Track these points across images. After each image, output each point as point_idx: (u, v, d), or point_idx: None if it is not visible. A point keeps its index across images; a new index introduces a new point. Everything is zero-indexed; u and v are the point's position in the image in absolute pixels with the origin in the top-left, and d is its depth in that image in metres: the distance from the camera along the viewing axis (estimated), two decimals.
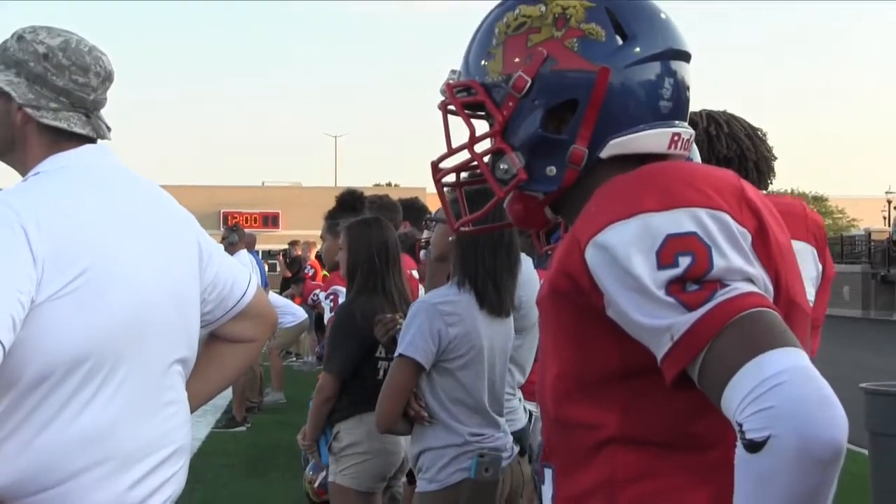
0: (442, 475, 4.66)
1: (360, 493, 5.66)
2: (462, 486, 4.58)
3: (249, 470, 11.20)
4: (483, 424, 4.71)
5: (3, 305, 2.64)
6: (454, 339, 4.58)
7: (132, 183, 3.17)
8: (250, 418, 14.36)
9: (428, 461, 4.72)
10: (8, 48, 3.06)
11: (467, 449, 4.61)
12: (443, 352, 4.57)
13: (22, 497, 2.85)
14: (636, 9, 2.17)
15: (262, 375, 15.86)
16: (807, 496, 1.69)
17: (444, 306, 4.62)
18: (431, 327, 4.54)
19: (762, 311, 1.79)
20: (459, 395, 4.65)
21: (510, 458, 4.80)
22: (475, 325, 4.63)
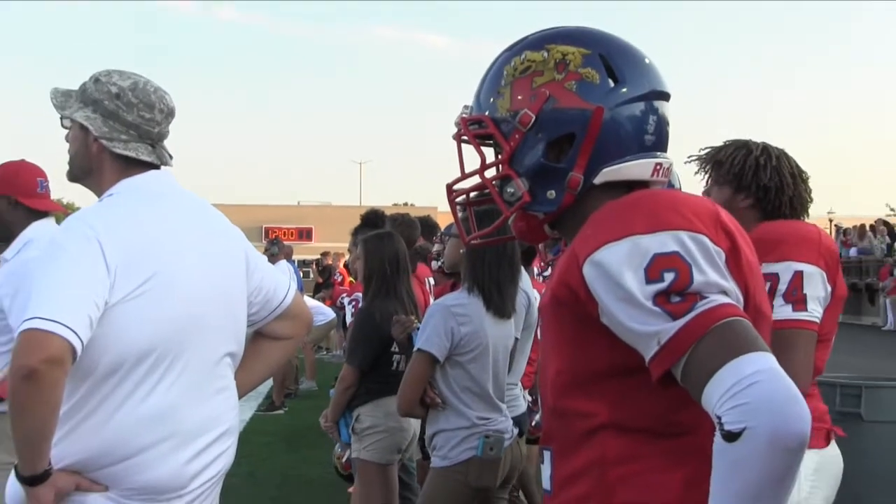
0: (453, 453, 4.73)
1: (380, 466, 5.71)
2: (470, 463, 4.69)
3: (287, 447, 11.19)
4: (488, 409, 4.79)
5: (82, 307, 2.69)
6: (465, 336, 4.68)
7: (189, 203, 3.19)
8: (287, 403, 14.43)
9: (441, 441, 4.79)
10: (86, 89, 3.11)
11: (475, 431, 4.70)
12: (455, 347, 4.67)
13: (99, 469, 2.87)
14: (625, 55, 2.18)
15: (298, 366, 15.97)
16: (775, 479, 1.72)
17: (457, 308, 4.73)
18: (446, 326, 4.65)
19: (736, 320, 1.83)
20: (468, 384, 4.74)
21: (511, 439, 4.84)
22: (483, 325, 4.73)
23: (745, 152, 3.76)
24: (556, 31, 2.22)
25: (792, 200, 3.73)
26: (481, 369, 4.75)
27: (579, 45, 2.17)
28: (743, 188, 3.74)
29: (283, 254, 15.50)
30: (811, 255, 3.51)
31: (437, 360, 4.68)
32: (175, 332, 2.94)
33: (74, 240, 2.87)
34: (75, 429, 2.89)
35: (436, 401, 4.77)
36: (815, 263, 3.51)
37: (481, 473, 4.73)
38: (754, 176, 3.72)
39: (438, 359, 4.67)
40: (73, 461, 2.87)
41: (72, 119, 3.12)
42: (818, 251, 3.54)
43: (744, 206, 3.73)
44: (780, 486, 1.74)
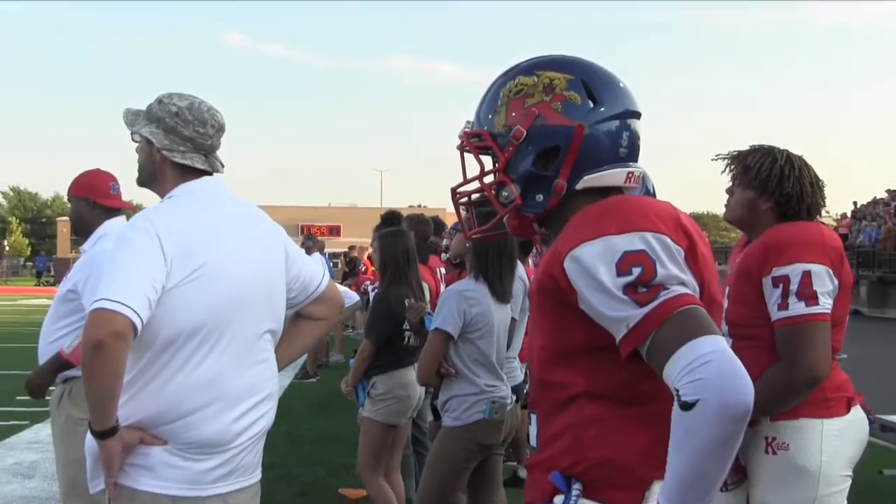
0: (464, 415, 4.81)
1: (386, 426, 5.77)
2: (479, 424, 4.79)
3: (319, 410, 11.21)
4: (493, 378, 4.87)
5: (143, 290, 2.75)
6: (475, 316, 4.78)
7: (236, 203, 3.22)
8: (319, 373, 14.53)
9: (454, 405, 4.85)
10: (151, 108, 3.16)
11: (483, 396, 4.80)
12: (466, 325, 4.78)
13: (158, 426, 2.91)
14: (603, 80, 2.20)
15: (329, 342, 16.11)
16: (722, 442, 1.76)
17: (468, 293, 4.83)
18: (459, 308, 4.75)
19: (693, 308, 1.87)
20: (477, 357, 4.82)
21: (511, 405, 4.92)
22: (489, 307, 4.82)
23: (770, 160, 3.67)
24: (545, 59, 2.23)
25: (809, 208, 3.67)
26: (488, 345, 4.83)
27: (564, 71, 2.18)
28: (767, 193, 3.66)
29: (316, 247, 15.61)
30: (817, 255, 3.47)
31: (451, 338, 4.77)
32: (221, 312, 2.97)
33: (138, 234, 2.91)
34: (138, 393, 2.93)
35: (450, 371, 4.84)
36: (821, 262, 3.46)
37: (488, 433, 4.83)
38: (778, 184, 3.64)
39: (453, 336, 4.76)
40: (137, 420, 2.91)
41: (140, 134, 3.16)
42: (822, 250, 3.50)
43: (765, 208, 3.68)
44: (726, 447, 1.77)
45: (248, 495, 3.14)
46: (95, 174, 4.82)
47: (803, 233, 3.55)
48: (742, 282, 3.61)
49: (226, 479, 3.02)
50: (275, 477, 5.27)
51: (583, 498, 2.00)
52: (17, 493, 7.65)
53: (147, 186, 3.24)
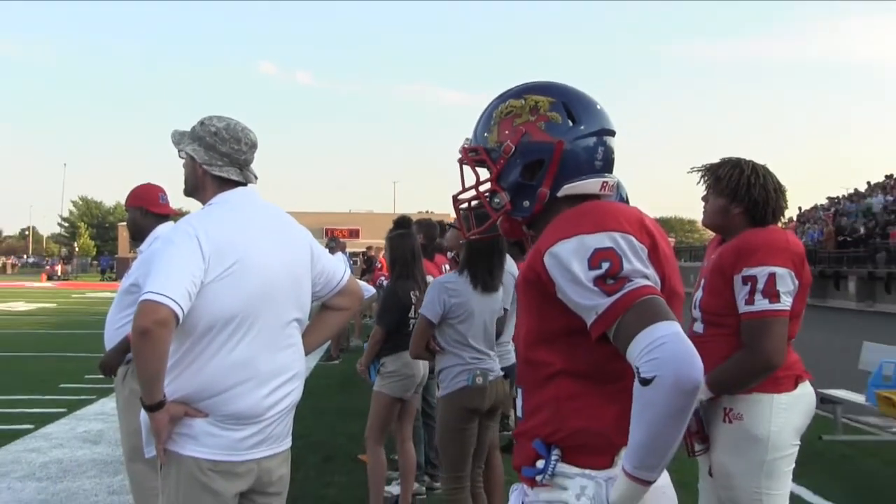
0: (451, 384, 4.83)
1: (392, 398, 5.78)
2: (463, 390, 4.79)
3: (340, 388, 11.20)
4: (476, 353, 4.86)
5: (183, 285, 2.79)
6: (453, 305, 4.79)
7: (267, 209, 3.22)
8: (342, 355, 14.57)
9: (444, 376, 4.89)
10: (194, 129, 3.17)
11: (466, 367, 4.81)
12: (446, 312, 4.79)
13: (200, 401, 2.93)
14: (581, 103, 2.19)
15: (349, 328, 16.05)
16: (675, 412, 1.79)
17: (448, 284, 4.85)
18: (439, 298, 4.79)
19: (653, 297, 1.88)
20: (457, 339, 4.83)
21: (495, 376, 4.89)
22: (469, 298, 4.81)
23: (739, 170, 3.68)
24: (532, 85, 2.22)
25: (774, 211, 3.69)
26: (468, 328, 4.81)
27: (548, 95, 2.18)
28: (737, 200, 3.67)
29: (339, 247, 15.71)
30: (781, 260, 3.50)
31: (432, 323, 4.81)
32: (252, 303, 2.97)
33: (180, 237, 2.93)
34: (182, 372, 2.94)
35: (436, 348, 4.89)
36: (784, 266, 3.50)
37: (472, 398, 4.79)
38: (747, 191, 3.65)
39: (433, 321, 4.80)
40: (182, 395, 2.93)
41: (185, 151, 3.17)
42: (787, 255, 3.53)
43: (736, 213, 3.68)
44: (679, 417, 1.79)
45: (279, 460, 3.14)
46: (147, 187, 4.90)
47: (771, 239, 3.57)
48: (716, 277, 3.63)
49: (259, 447, 3.03)
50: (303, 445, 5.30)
51: (561, 462, 2.00)
52: (87, 457, 7.68)
53: (191, 196, 3.25)
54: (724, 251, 3.65)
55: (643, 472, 1.85)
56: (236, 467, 2.99)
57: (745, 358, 3.51)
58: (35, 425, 8.96)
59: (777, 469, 3.60)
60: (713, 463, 3.71)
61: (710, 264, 3.74)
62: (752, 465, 3.58)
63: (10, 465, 7.31)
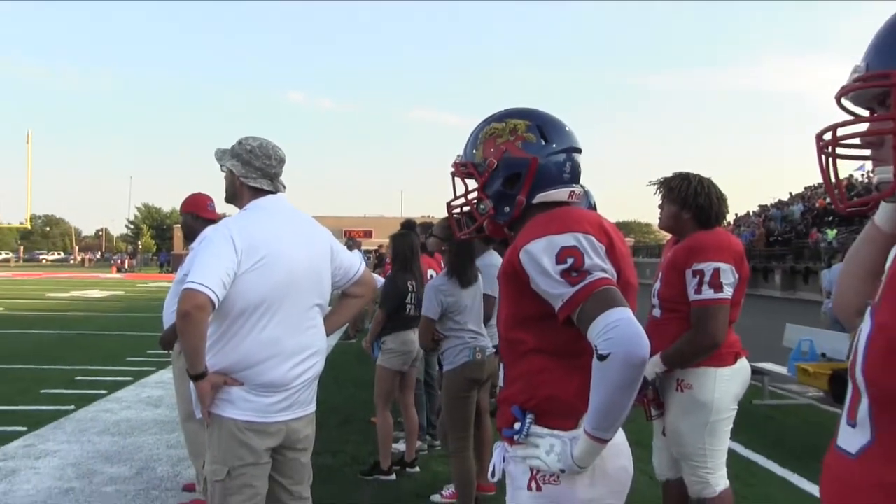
0: (455, 360, 4.80)
1: (392, 371, 5.76)
2: (465, 365, 4.76)
3: (357, 362, 11.10)
4: (472, 333, 4.84)
5: (219, 276, 2.80)
6: (448, 303, 4.79)
7: (294, 213, 3.19)
8: (358, 335, 14.38)
9: (447, 354, 4.86)
10: (234, 147, 3.16)
11: (466, 345, 4.78)
12: (444, 310, 4.79)
13: (236, 372, 2.94)
14: (553, 126, 2.16)
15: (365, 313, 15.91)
16: (626, 383, 1.79)
17: (442, 287, 4.83)
18: (437, 299, 4.79)
19: (609, 288, 1.87)
20: (454, 326, 4.83)
21: (490, 352, 4.86)
22: (459, 295, 4.80)
23: (688, 182, 3.71)
24: (512, 111, 2.20)
25: (717, 215, 3.71)
26: (462, 317, 4.81)
27: (525, 119, 2.15)
28: (686, 206, 3.69)
29: (355, 246, 15.58)
30: (724, 257, 3.54)
31: (433, 320, 4.81)
32: (278, 291, 2.96)
33: (218, 237, 2.93)
34: (221, 349, 2.94)
35: (439, 337, 4.87)
36: (727, 262, 3.54)
37: (473, 370, 4.77)
38: (694, 199, 3.68)
39: (434, 318, 4.80)
40: (221, 368, 2.93)
41: (225, 166, 3.17)
42: (729, 253, 3.56)
43: (686, 217, 3.70)
44: (629, 386, 1.79)
45: (305, 422, 3.13)
46: (198, 196, 4.93)
47: (716, 240, 3.60)
48: (671, 271, 3.66)
49: (286, 410, 3.02)
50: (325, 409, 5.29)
51: (534, 425, 1.99)
52: (150, 417, 7.70)
53: (230, 202, 3.24)
54: (677, 250, 3.68)
55: (600, 432, 1.85)
56: (268, 427, 2.98)
57: (693, 338, 3.54)
58: (108, 391, 8.99)
59: (719, 429, 3.63)
60: (666, 424, 3.73)
61: (666, 261, 3.76)
62: (698, 425, 3.61)
63: (90, 423, 7.40)
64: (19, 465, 5.87)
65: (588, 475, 1.93)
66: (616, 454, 2.00)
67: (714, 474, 3.64)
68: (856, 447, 1.27)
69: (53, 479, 5.56)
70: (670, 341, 3.59)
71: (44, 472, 5.73)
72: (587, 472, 1.92)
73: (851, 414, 1.30)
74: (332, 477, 5.59)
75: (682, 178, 3.75)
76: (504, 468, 2.09)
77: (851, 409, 1.29)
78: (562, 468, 1.91)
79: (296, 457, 3.12)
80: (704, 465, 3.63)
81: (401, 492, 5.39)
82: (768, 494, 5.34)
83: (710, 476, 3.64)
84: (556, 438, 1.94)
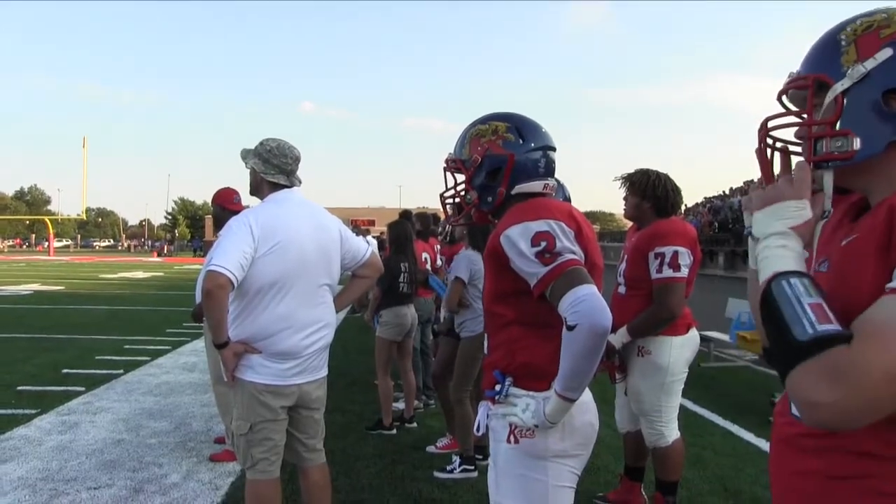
0: (474, 329, 4.75)
1: (389, 341, 5.70)
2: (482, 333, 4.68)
3: (363, 332, 10.93)
4: None
5: (237, 259, 2.76)
6: (475, 271, 4.75)
7: (307, 205, 3.12)
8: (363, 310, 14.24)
9: (467, 325, 4.82)
10: (256, 147, 3.10)
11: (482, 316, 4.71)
12: (471, 277, 4.76)
13: (255, 342, 2.90)
14: (530, 127, 2.12)
15: None
16: (591, 350, 1.77)
17: (472, 256, 4.80)
18: (468, 265, 4.77)
19: (577, 268, 1.83)
20: (477, 295, 4.76)
21: None
22: (480, 264, 4.68)
23: (647, 177, 3.70)
24: (494, 114, 2.16)
25: (673, 205, 3.70)
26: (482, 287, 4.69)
27: (505, 121, 2.12)
28: (646, 198, 3.69)
29: (361, 234, 15.43)
30: (681, 241, 3.53)
31: (464, 283, 4.76)
32: (291, 272, 2.91)
33: (238, 224, 2.89)
34: (242, 322, 2.90)
35: (465, 302, 4.81)
36: (683, 245, 3.53)
37: None
38: (653, 191, 3.67)
39: (465, 280, 4.75)
40: (242, 338, 2.90)
41: (249, 163, 3.11)
42: (685, 238, 3.56)
43: (646, 207, 3.70)
44: (593, 352, 1.77)
45: (316, 385, 3.09)
46: (226, 190, 4.86)
47: (674, 227, 3.60)
48: (635, 254, 3.64)
49: (300, 375, 2.99)
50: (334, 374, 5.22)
51: (513, 387, 1.97)
52: (186, 380, 7.67)
53: (254, 195, 3.19)
54: (640, 235, 3.67)
55: (569, 392, 1.83)
56: (283, 389, 2.95)
57: (655, 311, 3.54)
58: (150, 358, 8.96)
59: (673, 388, 3.64)
60: (628, 385, 3.74)
61: (630, 245, 3.74)
62: (655, 385, 3.61)
63: (136, 385, 7.40)
64: (80, 419, 5.93)
65: (559, 429, 1.91)
66: (583, 411, 1.98)
67: (667, 427, 3.65)
68: None
69: (108, 431, 5.59)
70: (634, 314, 3.58)
71: (99, 425, 5.77)
72: (558, 426, 1.91)
73: None
74: (342, 432, 5.57)
75: (643, 174, 3.74)
76: (488, 424, 2.07)
77: None
78: (535, 424, 1.89)
79: (310, 414, 3.09)
80: (660, 419, 3.64)
81: (400, 444, 5.37)
82: (713, 443, 5.35)
83: (664, 429, 3.65)
84: (531, 398, 1.92)
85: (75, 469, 4.64)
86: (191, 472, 4.61)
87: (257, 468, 2.95)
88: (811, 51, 1.28)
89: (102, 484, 4.36)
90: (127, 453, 5.01)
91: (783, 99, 1.35)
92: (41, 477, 4.47)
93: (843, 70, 1.21)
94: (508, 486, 1.95)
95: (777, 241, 1.19)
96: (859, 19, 1.23)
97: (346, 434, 5.54)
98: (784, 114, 1.33)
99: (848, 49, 1.22)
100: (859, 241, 1.16)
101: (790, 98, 1.34)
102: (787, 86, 1.31)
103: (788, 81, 1.30)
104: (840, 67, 1.22)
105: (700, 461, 4.86)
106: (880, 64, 1.18)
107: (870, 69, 1.19)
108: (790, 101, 1.35)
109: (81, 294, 19.18)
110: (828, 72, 1.23)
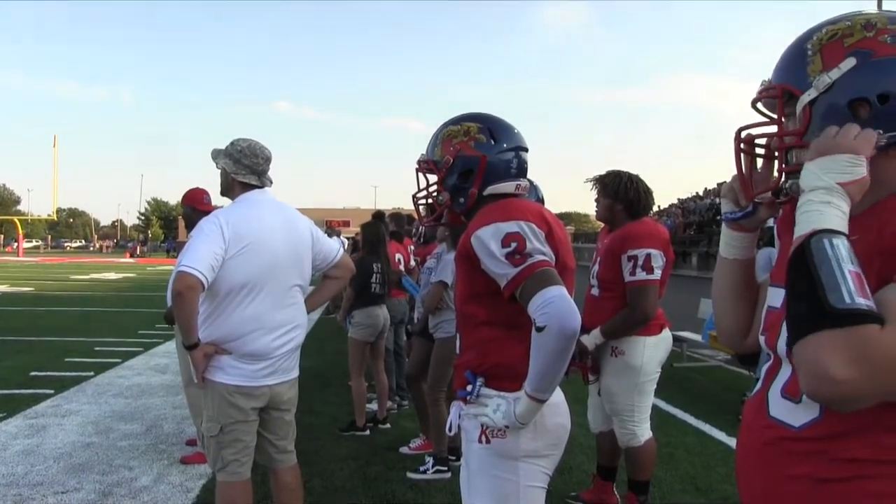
0: (450, 330, 4.71)
1: (361, 342, 5.67)
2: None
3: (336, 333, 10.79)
4: None
5: (208, 260, 2.73)
6: None
7: (278, 205, 3.09)
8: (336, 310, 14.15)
9: (442, 325, 4.80)
10: (227, 148, 3.06)
11: None
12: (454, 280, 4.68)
13: (225, 343, 2.88)
14: (502, 127, 2.12)
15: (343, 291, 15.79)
16: (560, 351, 1.76)
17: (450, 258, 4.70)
18: (451, 268, 4.59)
19: (547, 269, 1.83)
20: None
21: None
22: None
23: (619, 179, 3.70)
24: (466, 115, 2.15)
25: (645, 207, 3.71)
26: None
27: (477, 122, 2.11)
28: (618, 199, 3.68)
29: (335, 234, 15.31)
30: (654, 243, 3.54)
31: (447, 285, 4.72)
32: (261, 273, 2.88)
33: (208, 225, 2.86)
34: (212, 323, 2.87)
35: (441, 305, 4.79)
36: (656, 248, 3.54)
37: None
38: (624, 193, 3.67)
39: (448, 283, 4.70)
40: (212, 339, 2.87)
41: (220, 164, 3.07)
42: (657, 240, 3.56)
43: (618, 209, 3.70)
44: (562, 354, 1.77)
45: (287, 386, 3.07)
46: (196, 191, 4.81)
47: (647, 229, 3.60)
48: (609, 256, 3.64)
49: (270, 376, 2.96)
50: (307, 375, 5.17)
51: (484, 387, 1.96)
52: (157, 382, 7.61)
53: (224, 195, 3.15)
54: (613, 237, 3.65)
55: (538, 393, 1.83)
56: (253, 391, 2.92)
57: (629, 313, 3.54)
58: (122, 359, 8.86)
59: (646, 388, 3.66)
60: (602, 385, 3.74)
61: (603, 247, 3.73)
62: (628, 385, 3.62)
63: (106, 386, 7.32)
64: (48, 423, 5.82)
65: (530, 430, 1.91)
66: (555, 412, 1.98)
67: (640, 426, 3.67)
68: (800, 421, 1.18)
69: (77, 434, 5.49)
70: (608, 316, 3.59)
71: (68, 428, 5.67)
72: (529, 427, 1.90)
73: (792, 390, 1.20)
74: (314, 433, 5.53)
75: (615, 176, 3.74)
76: (460, 424, 2.06)
77: (791, 385, 1.20)
78: (506, 424, 1.89)
79: (280, 416, 3.07)
80: (632, 419, 3.65)
81: (374, 445, 5.35)
82: (685, 442, 5.40)
83: (636, 428, 3.66)
84: (503, 399, 1.92)
85: (41, 473, 4.55)
86: (161, 475, 4.54)
87: (228, 470, 2.92)
88: (780, 60, 1.28)
89: (70, 488, 4.28)
90: (96, 456, 4.92)
91: (758, 105, 1.35)
92: (5, 482, 4.38)
93: (810, 80, 1.22)
94: (480, 485, 1.95)
95: (822, 196, 1.09)
96: (825, 27, 1.23)
97: (319, 435, 5.50)
98: (756, 124, 1.32)
99: (814, 59, 1.22)
100: None
101: (764, 105, 1.35)
102: (759, 95, 1.31)
103: (760, 90, 1.30)
104: (807, 77, 1.22)
105: (672, 460, 4.90)
106: (844, 74, 1.18)
107: (834, 79, 1.19)
108: (765, 107, 1.35)
109: (51, 295, 18.83)
110: (795, 82, 1.24)
